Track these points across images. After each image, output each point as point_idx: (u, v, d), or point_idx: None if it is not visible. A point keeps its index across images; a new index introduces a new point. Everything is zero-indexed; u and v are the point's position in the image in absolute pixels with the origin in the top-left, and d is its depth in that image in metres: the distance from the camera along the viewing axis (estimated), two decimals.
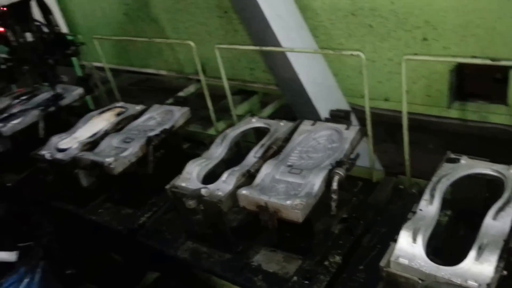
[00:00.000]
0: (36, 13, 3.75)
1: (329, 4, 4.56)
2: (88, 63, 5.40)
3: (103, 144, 3.22)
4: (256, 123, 3.09)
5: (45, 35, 3.77)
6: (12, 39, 3.67)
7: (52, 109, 3.94)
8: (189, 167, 2.70)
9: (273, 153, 2.72)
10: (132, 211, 3.23)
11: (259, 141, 2.85)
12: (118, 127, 3.45)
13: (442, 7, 3.96)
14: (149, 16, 6.24)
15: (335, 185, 2.35)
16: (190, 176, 2.66)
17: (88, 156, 3.09)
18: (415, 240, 1.88)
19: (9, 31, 3.64)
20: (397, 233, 1.92)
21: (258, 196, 2.33)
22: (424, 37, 4.20)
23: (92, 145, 3.26)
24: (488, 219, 1.90)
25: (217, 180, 2.55)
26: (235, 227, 2.70)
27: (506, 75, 3.90)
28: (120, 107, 3.74)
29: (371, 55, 4.55)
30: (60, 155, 3.21)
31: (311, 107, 4.16)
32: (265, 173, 2.51)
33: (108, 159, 2.95)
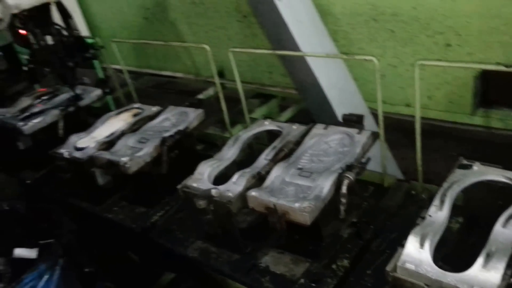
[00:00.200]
0: (56, 18, 3.85)
1: (349, 9, 4.54)
2: (107, 66, 5.52)
3: (119, 144, 3.29)
4: (268, 126, 3.11)
5: (65, 38, 3.86)
6: (33, 42, 3.77)
7: (71, 109, 4.03)
8: (201, 168, 2.74)
9: (284, 155, 2.72)
10: (145, 209, 3.28)
11: (271, 143, 2.87)
12: (134, 128, 3.51)
13: (465, 12, 3.90)
14: (168, 20, 6.33)
15: (344, 189, 2.35)
16: (201, 176, 2.69)
17: (104, 155, 3.16)
18: (422, 245, 1.86)
19: (30, 34, 3.74)
20: (406, 238, 1.90)
21: (267, 198, 2.35)
22: (447, 42, 4.14)
23: (108, 144, 3.33)
24: (497, 226, 1.87)
25: (228, 181, 2.58)
26: (245, 228, 2.73)
27: None
28: (136, 108, 3.81)
29: (392, 60, 4.50)
30: (78, 154, 3.28)
31: (331, 112, 4.13)
32: (275, 175, 2.53)
33: (123, 159, 3.01)
